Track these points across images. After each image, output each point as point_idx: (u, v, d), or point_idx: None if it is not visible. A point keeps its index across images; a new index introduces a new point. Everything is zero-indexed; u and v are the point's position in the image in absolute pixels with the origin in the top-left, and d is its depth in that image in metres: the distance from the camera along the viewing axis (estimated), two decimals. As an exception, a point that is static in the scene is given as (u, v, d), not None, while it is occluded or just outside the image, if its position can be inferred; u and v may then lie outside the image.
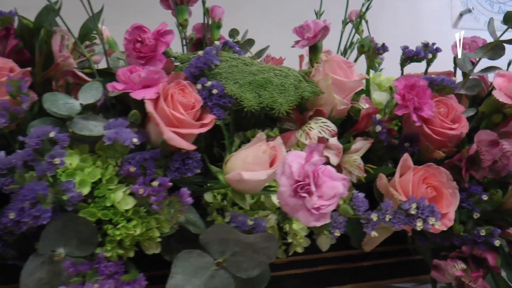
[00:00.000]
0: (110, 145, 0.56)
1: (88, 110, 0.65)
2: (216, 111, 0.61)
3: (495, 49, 0.75)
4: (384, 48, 0.72)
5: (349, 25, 0.98)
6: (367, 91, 0.74)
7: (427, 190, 0.64)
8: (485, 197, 0.65)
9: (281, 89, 0.64)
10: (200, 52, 0.63)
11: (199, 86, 0.62)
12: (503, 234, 0.66)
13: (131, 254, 0.61)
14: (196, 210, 0.65)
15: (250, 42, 0.89)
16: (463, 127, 0.68)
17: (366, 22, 0.98)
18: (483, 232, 0.63)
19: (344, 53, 0.83)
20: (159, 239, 0.61)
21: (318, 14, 0.85)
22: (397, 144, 0.69)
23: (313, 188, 0.50)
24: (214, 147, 0.66)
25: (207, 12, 0.76)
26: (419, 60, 0.72)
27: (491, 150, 0.65)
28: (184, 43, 0.77)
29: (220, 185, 0.60)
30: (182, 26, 0.75)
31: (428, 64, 0.75)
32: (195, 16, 0.78)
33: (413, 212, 0.59)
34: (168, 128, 0.59)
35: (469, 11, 2.00)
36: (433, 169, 0.65)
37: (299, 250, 0.67)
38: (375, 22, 2.00)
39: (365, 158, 0.69)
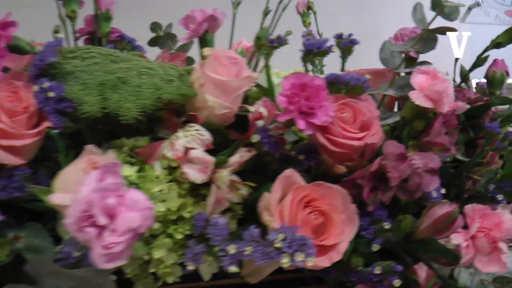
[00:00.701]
0: None
1: None
2: (53, 117, 0.49)
3: (426, 40, 0.58)
4: (280, 41, 0.57)
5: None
6: (269, 92, 0.59)
7: (311, 215, 0.49)
8: (387, 225, 0.49)
9: (137, 91, 0.51)
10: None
11: (36, 88, 0.50)
12: (409, 272, 0.50)
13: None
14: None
15: (171, 36, 0.76)
16: (373, 136, 0.53)
17: (314, 13, 0.83)
18: (379, 270, 0.48)
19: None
20: (-9, 268, 0.50)
21: (235, 4, 0.70)
22: (294, 157, 0.54)
23: (101, 220, 0.36)
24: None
25: (95, 1, 0.63)
26: (322, 54, 0.56)
27: (399, 165, 0.50)
28: (74, 38, 0.65)
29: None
30: (70, 18, 0.63)
31: (343, 59, 0.60)
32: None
33: (278, 245, 0.45)
34: (-16, 139, 0.47)
35: (478, 4, 1.76)
36: (324, 189, 0.50)
37: (170, 280, 0.54)
38: (377, 16, 1.82)
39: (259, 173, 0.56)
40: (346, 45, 0.58)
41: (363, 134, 0.52)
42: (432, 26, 0.62)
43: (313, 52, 0.55)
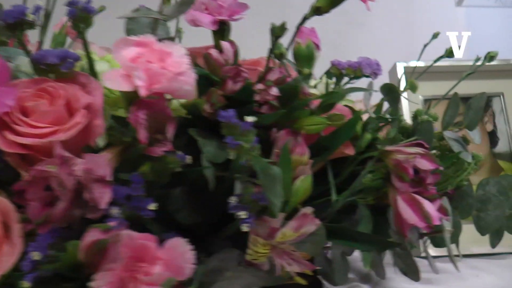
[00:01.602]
0: None
1: None
2: None
3: (179, 4, 0.41)
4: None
5: None
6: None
7: None
8: (36, 255, 0.34)
9: None
10: None
11: None
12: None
13: None
14: None
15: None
16: (67, 131, 0.38)
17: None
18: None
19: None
20: None
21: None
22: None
23: None
24: None
25: None
26: (25, 26, 0.41)
27: (60, 172, 0.34)
28: None
29: None
30: None
31: (81, 33, 0.44)
32: None
33: None
34: None
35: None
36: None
37: None
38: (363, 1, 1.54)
39: None
40: (74, 14, 0.43)
41: (48, 130, 0.38)
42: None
43: (8, 23, 0.41)
